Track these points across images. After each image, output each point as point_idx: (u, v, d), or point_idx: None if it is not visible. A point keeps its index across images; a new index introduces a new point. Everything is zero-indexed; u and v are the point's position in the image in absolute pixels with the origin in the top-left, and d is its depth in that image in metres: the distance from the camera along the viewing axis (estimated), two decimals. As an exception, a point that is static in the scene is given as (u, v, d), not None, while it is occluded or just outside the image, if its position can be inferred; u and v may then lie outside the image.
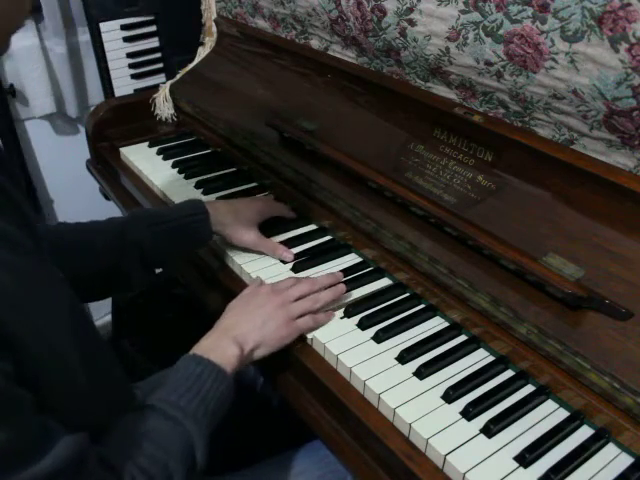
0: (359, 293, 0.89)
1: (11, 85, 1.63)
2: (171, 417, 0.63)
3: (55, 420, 0.52)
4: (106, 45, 1.63)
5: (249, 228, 0.96)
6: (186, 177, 1.21)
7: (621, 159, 0.74)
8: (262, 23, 1.30)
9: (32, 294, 0.53)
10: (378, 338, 0.79)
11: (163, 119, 1.45)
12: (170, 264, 1.03)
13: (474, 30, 0.81)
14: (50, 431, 0.51)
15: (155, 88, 1.46)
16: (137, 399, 0.70)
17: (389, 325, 0.82)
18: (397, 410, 0.69)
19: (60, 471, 0.49)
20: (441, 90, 0.95)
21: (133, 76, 1.71)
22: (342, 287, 0.87)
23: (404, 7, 0.90)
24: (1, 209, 0.54)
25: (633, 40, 0.64)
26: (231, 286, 0.93)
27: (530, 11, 0.73)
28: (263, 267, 0.94)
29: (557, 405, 0.71)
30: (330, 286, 0.87)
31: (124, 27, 1.64)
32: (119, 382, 0.71)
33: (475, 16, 0.80)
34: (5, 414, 0.46)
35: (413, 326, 0.82)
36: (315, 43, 1.19)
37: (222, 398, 0.69)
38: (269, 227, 1.01)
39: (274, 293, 0.82)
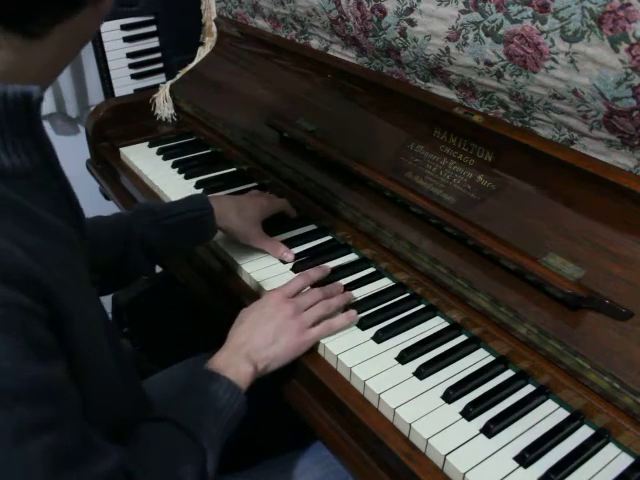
0: (359, 293, 0.88)
1: (11, 85, 1.63)
2: (190, 434, 0.63)
3: (96, 430, 0.52)
4: (106, 45, 1.63)
5: (253, 225, 0.96)
6: (186, 177, 1.21)
7: (621, 159, 0.74)
8: (262, 23, 1.30)
9: (80, 292, 0.54)
10: (378, 338, 0.79)
11: (163, 119, 1.45)
12: (175, 257, 1.02)
13: (474, 30, 0.81)
14: (97, 442, 0.50)
15: (155, 88, 1.46)
16: (152, 405, 0.71)
17: (389, 325, 0.82)
18: (397, 410, 0.69)
19: None
20: (441, 90, 0.95)
21: (133, 76, 1.71)
22: (350, 294, 0.86)
23: (404, 7, 0.90)
24: (59, 205, 0.55)
25: (633, 40, 0.64)
26: (231, 286, 0.93)
27: (530, 11, 0.73)
28: (263, 267, 0.94)
29: (557, 405, 0.71)
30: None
31: (124, 27, 1.64)
32: (139, 386, 0.73)
33: (475, 16, 0.80)
34: (60, 415, 0.46)
35: (413, 326, 0.82)
36: (315, 43, 1.19)
37: (235, 415, 0.69)
38: (270, 227, 1.01)
39: (285, 302, 0.80)
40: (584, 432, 0.68)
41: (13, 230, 0.46)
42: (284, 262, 0.95)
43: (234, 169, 1.25)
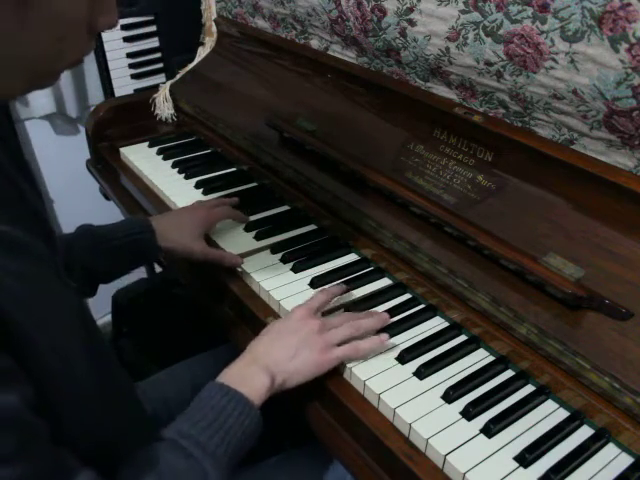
0: (359, 293, 0.88)
1: (11, 85, 1.63)
2: (190, 455, 0.59)
3: (70, 452, 0.50)
4: (106, 45, 1.63)
5: (194, 240, 0.95)
6: (186, 177, 1.21)
7: (621, 159, 0.74)
8: (262, 23, 1.31)
9: (48, 306, 0.52)
10: (378, 338, 0.79)
11: (163, 119, 1.45)
12: (117, 277, 0.99)
13: (474, 30, 0.81)
14: (67, 466, 0.49)
15: (155, 88, 1.46)
16: (150, 424, 0.68)
17: (389, 325, 0.81)
18: (397, 410, 0.69)
19: None
20: (441, 90, 0.95)
21: (133, 76, 1.70)
22: (386, 316, 0.81)
23: (404, 7, 0.90)
24: (21, 217, 0.53)
25: (633, 40, 0.64)
26: (230, 285, 0.93)
27: (530, 11, 0.73)
28: (263, 267, 0.94)
29: (557, 405, 0.71)
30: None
31: (124, 27, 1.64)
32: (132, 400, 0.69)
33: (475, 16, 0.80)
34: (22, 445, 0.44)
35: (413, 326, 0.82)
36: (315, 43, 1.19)
37: (246, 433, 0.65)
38: (269, 228, 1.01)
39: (311, 317, 0.77)
40: (584, 432, 0.68)
41: None
42: (283, 262, 0.94)
43: (234, 169, 1.25)
